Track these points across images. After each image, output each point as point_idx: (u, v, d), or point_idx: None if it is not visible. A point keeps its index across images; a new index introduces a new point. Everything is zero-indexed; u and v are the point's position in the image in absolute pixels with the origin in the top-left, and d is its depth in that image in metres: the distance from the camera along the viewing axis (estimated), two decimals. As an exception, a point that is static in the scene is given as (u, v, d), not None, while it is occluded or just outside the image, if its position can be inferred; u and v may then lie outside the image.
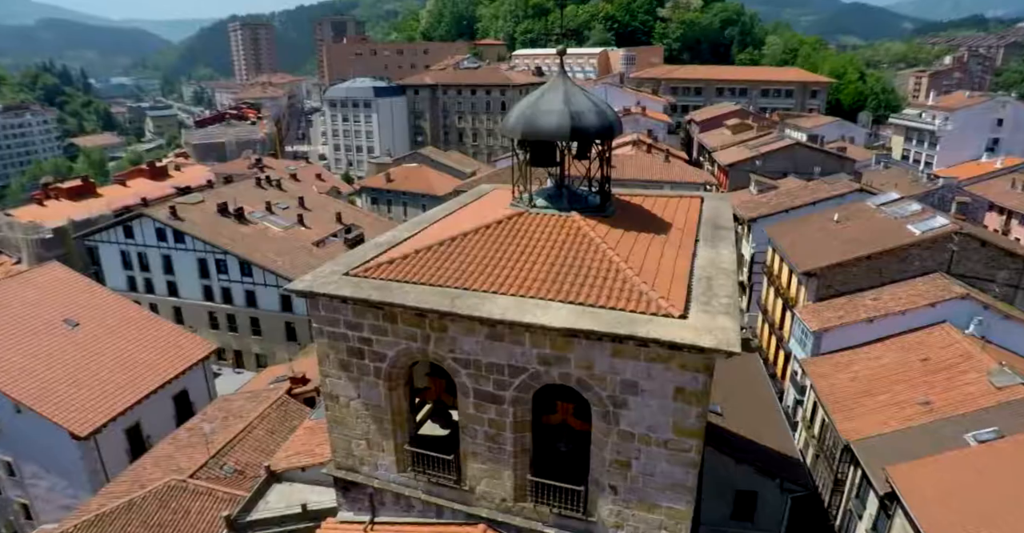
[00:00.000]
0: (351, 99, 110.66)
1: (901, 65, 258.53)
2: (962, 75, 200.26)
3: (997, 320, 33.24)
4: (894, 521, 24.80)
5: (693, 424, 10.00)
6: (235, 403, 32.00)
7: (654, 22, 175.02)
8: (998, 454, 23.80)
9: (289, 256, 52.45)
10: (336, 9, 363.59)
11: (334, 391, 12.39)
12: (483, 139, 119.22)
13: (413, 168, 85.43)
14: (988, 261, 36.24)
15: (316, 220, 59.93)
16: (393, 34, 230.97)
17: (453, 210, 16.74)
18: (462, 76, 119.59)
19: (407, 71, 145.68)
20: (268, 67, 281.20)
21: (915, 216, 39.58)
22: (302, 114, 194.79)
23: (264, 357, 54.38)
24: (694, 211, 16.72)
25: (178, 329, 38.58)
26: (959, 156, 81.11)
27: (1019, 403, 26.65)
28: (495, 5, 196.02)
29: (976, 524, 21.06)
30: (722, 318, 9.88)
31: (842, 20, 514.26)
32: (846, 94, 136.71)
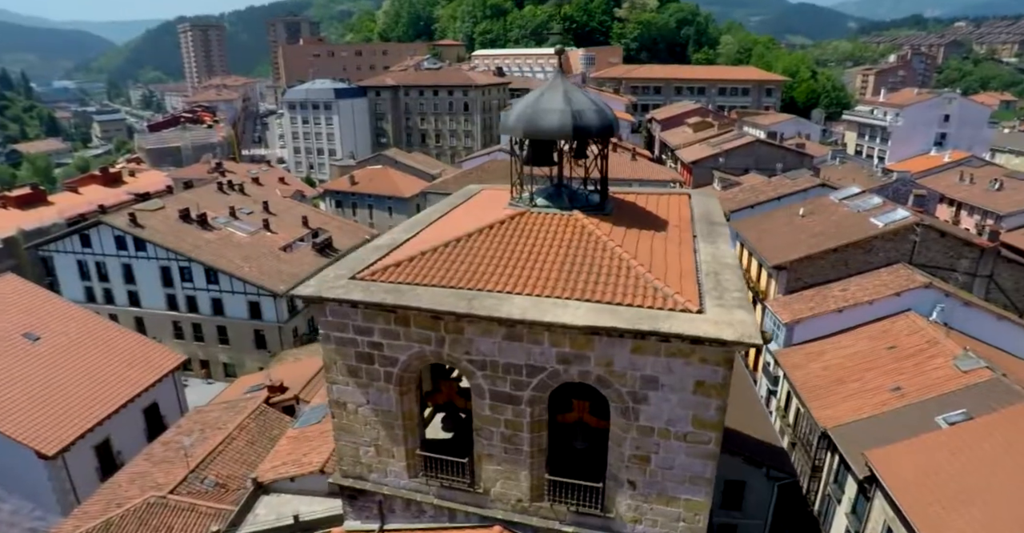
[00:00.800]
0: (311, 101, 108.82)
1: (848, 63, 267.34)
2: (906, 73, 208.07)
3: (958, 307, 34.66)
4: (873, 503, 25.61)
5: (712, 416, 10.13)
6: (211, 414, 31.08)
7: (612, 22, 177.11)
8: (969, 435, 24.79)
9: (256, 262, 51.30)
10: (288, 10, 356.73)
11: (341, 398, 12.14)
12: (446, 140, 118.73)
13: (378, 170, 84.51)
14: (947, 251, 37.78)
15: (282, 225, 58.76)
16: (349, 35, 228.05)
17: (446, 211, 16.59)
18: (424, 77, 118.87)
19: (366, 72, 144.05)
20: (220, 69, 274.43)
21: (877, 209, 40.97)
22: (257, 117, 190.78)
23: (232, 366, 53.06)
24: (685, 208, 16.94)
25: (145, 340, 37.33)
26: (909, 150, 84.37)
27: (984, 385, 27.83)
28: (452, 6, 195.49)
29: (952, 502, 21.91)
30: (738, 311, 10.03)
31: (789, 20, 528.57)
32: (799, 92, 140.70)
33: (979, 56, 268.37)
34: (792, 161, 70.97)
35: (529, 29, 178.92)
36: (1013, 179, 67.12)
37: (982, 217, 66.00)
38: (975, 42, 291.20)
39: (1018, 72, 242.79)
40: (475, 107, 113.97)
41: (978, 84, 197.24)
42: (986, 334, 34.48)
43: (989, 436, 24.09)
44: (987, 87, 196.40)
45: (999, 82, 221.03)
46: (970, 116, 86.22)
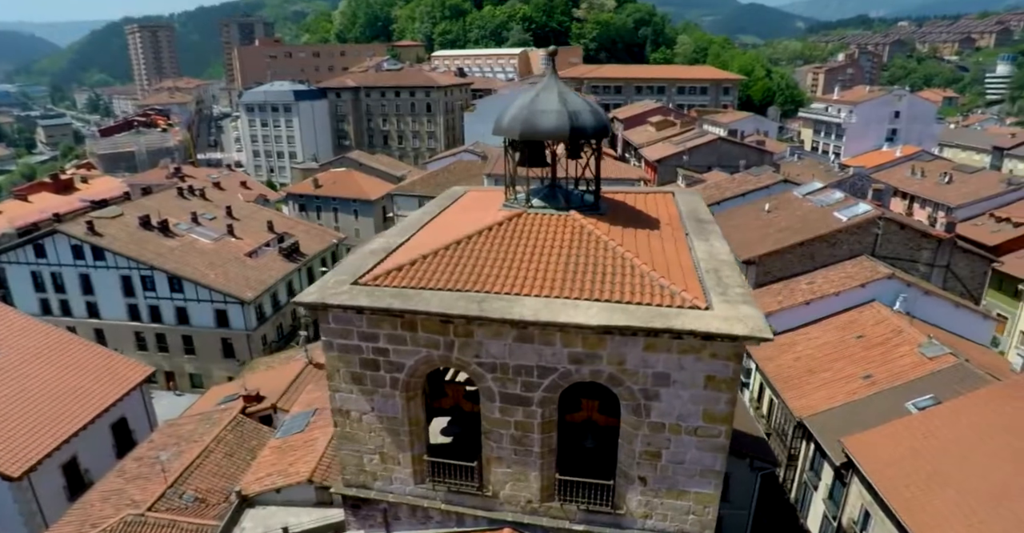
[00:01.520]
0: (270, 103, 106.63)
1: (799, 62, 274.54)
2: (855, 71, 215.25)
3: (919, 296, 35.95)
4: (850, 488, 26.39)
5: (723, 410, 10.31)
6: (185, 427, 30.20)
7: (570, 22, 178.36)
8: (938, 419, 25.74)
9: (222, 269, 50.07)
10: (240, 10, 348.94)
11: (345, 406, 11.93)
12: (409, 141, 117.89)
13: (342, 173, 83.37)
14: (907, 242, 39.17)
15: (247, 230, 57.47)
16: (305, 36, 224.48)
17: (436, 213, 16.44)
18: (385, 78, 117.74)
19: (324, 73, 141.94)
20: (171, 71, 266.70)
21: (839, 204, 42.24)
22: (212, 120, 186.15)
23: (199, 377, 51.70)
24: (672, 206, 17.17)
25: (110, 352, 36.05)
26: (863, 146, 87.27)
27: (949, 371, 28.95)
28: (411, 6, 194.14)
29: (928, 484, 22.73)
30: (745, 307, 10.22)
31: (740, 20, 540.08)
32: (755, 90, 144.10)
33: (922, 55, 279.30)
34: (753, 158, 72.58)
35: (489, 30, 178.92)
36: (961, 173, 70.06)
37: (934, 209, 68.71)
38: (918, 41, 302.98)
39: (959, 70, 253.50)
40: (437, 108, 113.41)
41: (922, 81, 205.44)
42: (945, 321, 35.84)
43: (958, 419, 25.08)
44: (930, 84, 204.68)
45: (941, 79, 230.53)
46: (919, 112, 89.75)
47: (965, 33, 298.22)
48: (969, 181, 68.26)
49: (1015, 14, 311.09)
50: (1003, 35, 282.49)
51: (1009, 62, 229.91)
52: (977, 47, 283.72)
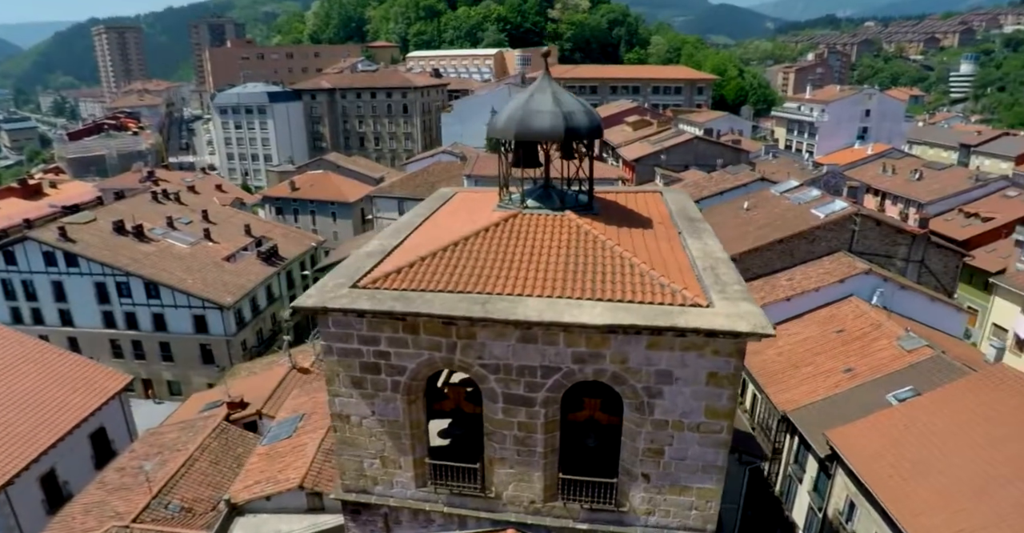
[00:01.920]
0: (243, 105, 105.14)
1: (769, 62, 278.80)
2: (824, 70, 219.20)
3: (895, 291, 36.71)
4: (835, 480, 26.86)
5: (725, 405, 10.43)
6: (167, 436, 29.64)
7: (545, 23, 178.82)
8: (918, 410, 26.32)
9: (200, 273, 49.27)
10: (210, 11, 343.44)
11: (344, 411, 11.82)
12: (386, 143, 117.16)
13: (319, 175, 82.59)
14: (883, 238, 39.98)
15: (224, 234, 56.63)
16: (277, 37, 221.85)
17: (427, 215, 16.36)
18: (360, 79, 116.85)
19: (298, 75, 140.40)
20: (140, 73, 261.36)
21: (816, 201, 42.98)
22: (182, 123, 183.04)
23: (178, 384, 50.83)
24: (661, 205, 17.32)
25: (86, 361, 35.21)
26: (835, 144, 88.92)
27: (927, 363, 29.61)
28: (384, 7, 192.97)
29: (911, 473, 23.24)
30: (745, 304, 10.36)
31: (711, 20, 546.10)
32: (729, 90, 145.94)
33: (889, 54, 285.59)
34: (729, 157, 73.48)
35: (463, 30, 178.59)
36: (931, 169, 71.73)
37: (905, 206, 70.20)
38: (884, 41, 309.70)
39: (924, 69, 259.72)
40: (414, 109, 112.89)
41: (889, 80, 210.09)
42: (921, 315, 36.63)
43: (937, 410, 25.67)
44: (897, 83, 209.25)
45: (907, 78, 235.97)
46: (888, 111, 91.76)
47: (930, 33, 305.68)
48: (938, 178, 69.94)
49: (977, 14, 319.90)
50: (966, 35, 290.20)
51: (972, 61, 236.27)
52: (941, 47, 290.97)
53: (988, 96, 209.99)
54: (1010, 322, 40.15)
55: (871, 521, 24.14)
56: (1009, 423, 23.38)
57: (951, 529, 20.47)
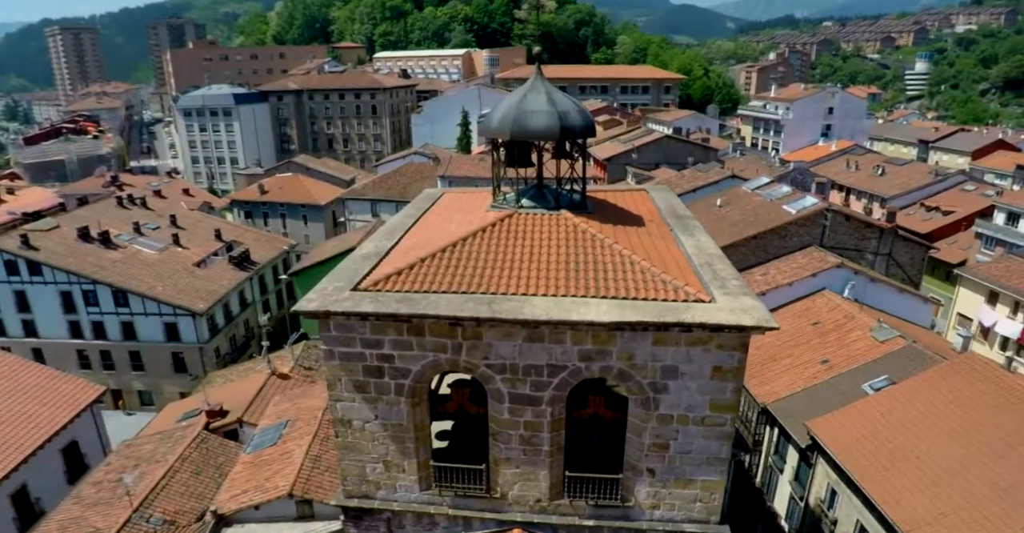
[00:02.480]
0: (208, 107, 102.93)
1: (732, 61, 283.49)
2: (785, 69, 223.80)
3: (866, 283, 37.68)
4: (816, 469, 27.45)
5: (729, 398, 10.61)
6: (144, 447, 28.88)
7: (512, 23, 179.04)
8: (894, 398, 27.07)
9: (170, 280, 48.12)
10: (167, 12, 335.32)
11: (347, 416, 11.67)
12: (355, 144, 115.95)
13: (288, 178, 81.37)
14: (852, 232, 41.01)
15: (193, 239, 55.39)
16: (239, 38, 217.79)
17: (417, 216, 16.25)
18: (328, 80, 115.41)
19: (263, 76, 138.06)
20: (96, 75, 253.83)
21: (787, 197, 43.88)
22: (143, 126, 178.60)
23: (149, 394, 49.57)
24: (649, 203, 17.51)
25: (55, 373, 34.05)
26: (801, 141, 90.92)
27: (900, 353, 30.46)
28: (350, 7, 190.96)
29: (890, 459, 23.89)
30: (746, 299, 10.54)
31: (673, 20, 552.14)
32: (695, 89, 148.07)
33: (847, 53, 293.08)
34: (699, 155, 74.58)
35: (430, 31, 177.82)
36: (893, 165, 73.86)
37: (869, 200, 72.23)
38: (842, 40, 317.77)
39: (881, 67, 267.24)
40: (383, 110, 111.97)
41: (848, 79, 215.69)
42: (890, 306, 37.66)
43: (912, 398, 26.45)
44: (855, 81, 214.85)
45: (865, 76, 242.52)
46: (850, 108, 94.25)
47: (885, 32, 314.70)
48: (900, 173, 72.07)
49: (930, 14, 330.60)
50: (920, 34, 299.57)
51: (926, 60, 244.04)
52: (897, 46, 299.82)
53: (943, 93, 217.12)
54: (974, 311, 41.56)
55: (852, 507, 24.75)
56: (980, 408, 24.22)
57: (931, 512, 21.12)
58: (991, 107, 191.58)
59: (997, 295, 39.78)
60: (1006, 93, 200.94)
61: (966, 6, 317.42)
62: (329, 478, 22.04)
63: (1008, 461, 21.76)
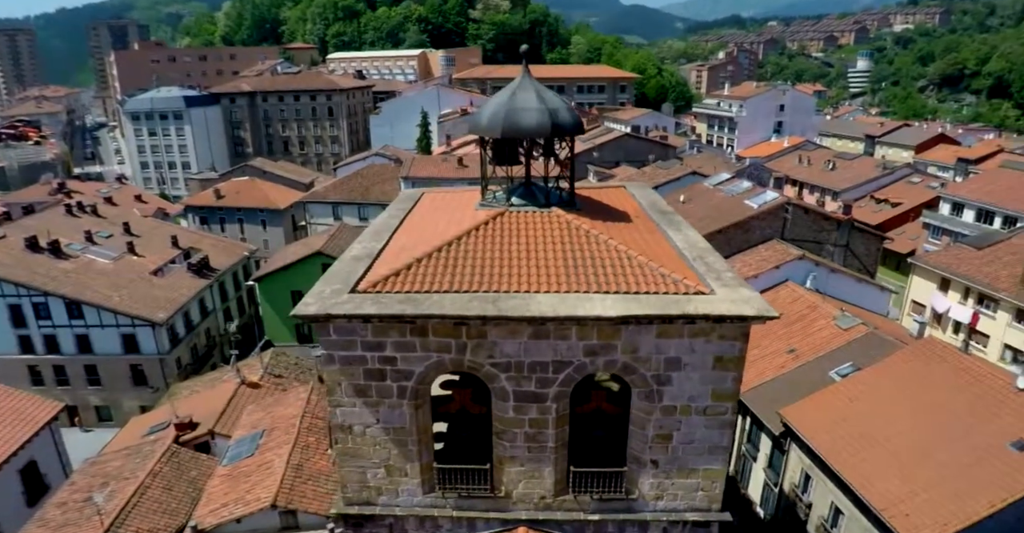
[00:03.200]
0: (158, 111, 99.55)
1: (682, 60, 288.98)
2: (734, 68, 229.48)
3: (826, 274, 38.91)
4: (789, 455, 28.21)
5: (730, 387, 10.84)
6: (111, 464, 27.79)
7: (467, 23, 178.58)
8: (860, 384, 28.06)
9: (127, 289, 46.42)
10: (108, 12, 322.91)
11: (347, 421, 11.46)
12: (311, 147, 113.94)
13: (244, 182, 79.43)
14: (811, 225, 42.30)
15: (149, 247, 53.56)
16: (186, 39, 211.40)
17: (401, 217, 16.05)
18: (282, 81, 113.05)
19: (213, 78, 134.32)
20: (34, 79, 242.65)
21: (748, 192, 44.98)
22: (85, 131, 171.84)
23: (107, 409, 47.74)
24: (630, 200, 17.71)
25: (10, 390, 32.48)
26: (754, 138, 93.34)
27: (863, 340, 31.56)
28: (301, 7, 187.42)
29: (860, 443, 24.75)
30: (744, 290, 10.78)
31: (623, 21, 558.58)
32: (649, 88, 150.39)
33: (792, 52, 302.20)
34: (659, 152, 75.81)
35: (384, 31, 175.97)
36: (842, 159, 76.50)
37: (821, 194, 74.52)
38: (788, 40, 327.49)
39: (825, 65, 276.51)
40: (340, 112, 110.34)
41: (794, 77, 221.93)
42: (849, 296, 38.94)
43: (878, 383, 27.46)
44: (801, 79, 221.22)
45: (810, 74, 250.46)
46: (800, 105, 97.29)
47: (828, 32, 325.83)
48: (850, 167, 74.69)
49: (869, 14, 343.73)
50: (861, 33, 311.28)
51: (867, 58, 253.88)
52: (839, 45, 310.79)
53: (884, 90, 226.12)
54: (927, 298, 43.40)
55: (827, 491, 25.55)
56: (942, 389, 25.32)
57: (903, 490, 21.97)
58: (930, 103, 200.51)
59: (949, 282, 41.60)
60: (943, 90, 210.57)
61: (903, 6, 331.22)
62: (313, 487, 21.63)
63: (970, 439, 22.80)
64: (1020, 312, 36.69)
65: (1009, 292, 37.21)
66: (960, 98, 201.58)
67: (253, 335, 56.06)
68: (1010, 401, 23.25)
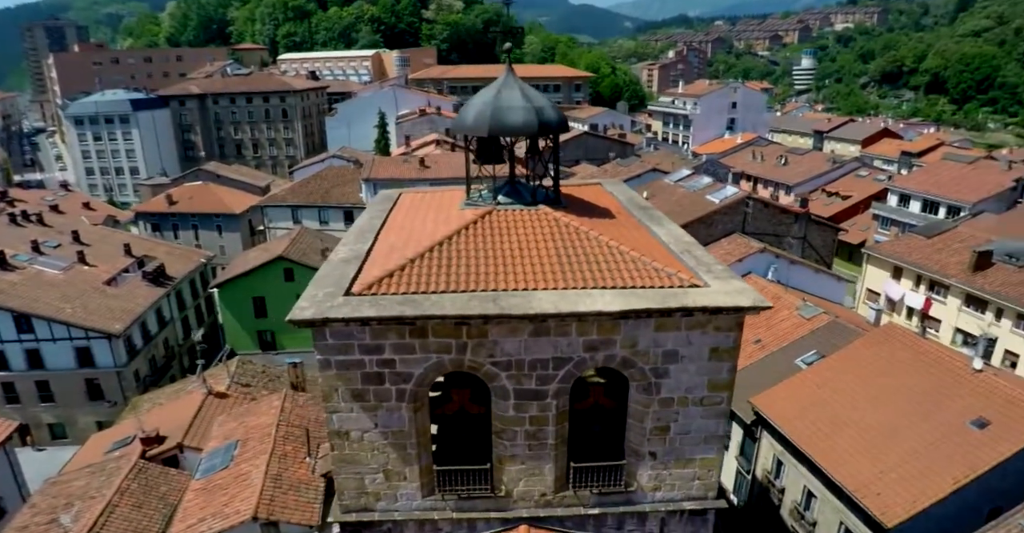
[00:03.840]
0: (103, 114, 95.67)
1: (633, 59, 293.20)
2: (684, 67, 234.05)
3: (787, 266, 40.08)
4: (761, 443, 28.97)
5: (725, 377, 11.08)
6: (74, 484, 26.62)
7: (420, 24, 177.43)
8: (825, 371, 29.03)
9: (80, 301, 44.52)
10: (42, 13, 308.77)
11: (344, 427, 11.26)
12: (265, 150, 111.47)
13: (198, 187, 77.18)
14: (770, 219, 43.51)
15: (100, 256, 51.47)
16: (128, 40, 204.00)
17: (382, 218, 15.83)
18: (234, 83, 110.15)
19: (160, 80, 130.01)
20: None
21: (709, 188, 46.00)
22: (23, 137, 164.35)
23: (61, 427, 45.74)
24: (608, 196, 17.90)
25: (-43, 410, 30.90)
26: (708, 135, 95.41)
27: (825, 328, 32.63)
28: (249, 7, 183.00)
29: (830, 427, 25.60)
30: (736, 281, 11.03)
31: (573, 20, 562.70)
32: (604, 87, 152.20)
33: (739, 51, 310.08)
34: (617, 150, 76.89)
35: (336, 31, 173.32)
36: (794, 155, 78.84)
37: (775, 189, 76.73)
38: (735, 39, 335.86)
39: (771, 63, 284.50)
40: (294, 113, 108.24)
41: (741, 75, 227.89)
42: (809, 286, 40.22)
43: (842, 369, 28.44)
44: (749, 77, 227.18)
45: (757, 72, 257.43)
46: (752, 102, 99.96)
47: (773, 31, 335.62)
48: (801, 162, 77.06)
49: (811, 14, 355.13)
50: (804, 32, 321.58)
51: (811, 56, 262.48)
52: (784, 43, 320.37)
53: (828, 87, 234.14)
54: (881, 286, 45.12)
55: (799, 475, 26.34)
56: (904, 373, 26.39)
57: (872, 471, 22.83)
58: (871, 99, 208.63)
59: (901, 270, 43.33)
60: (883, 86, 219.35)
61: (843, 6, 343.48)
62: (294, 497, 21.20)
63: (933, 419, 23.84)
64: (969, 297, 38.51)
65: (959, 278, 39.02)
66: (900, 94, 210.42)
67: (214, 344, 54.51)
68: (967, 382, 24.40)
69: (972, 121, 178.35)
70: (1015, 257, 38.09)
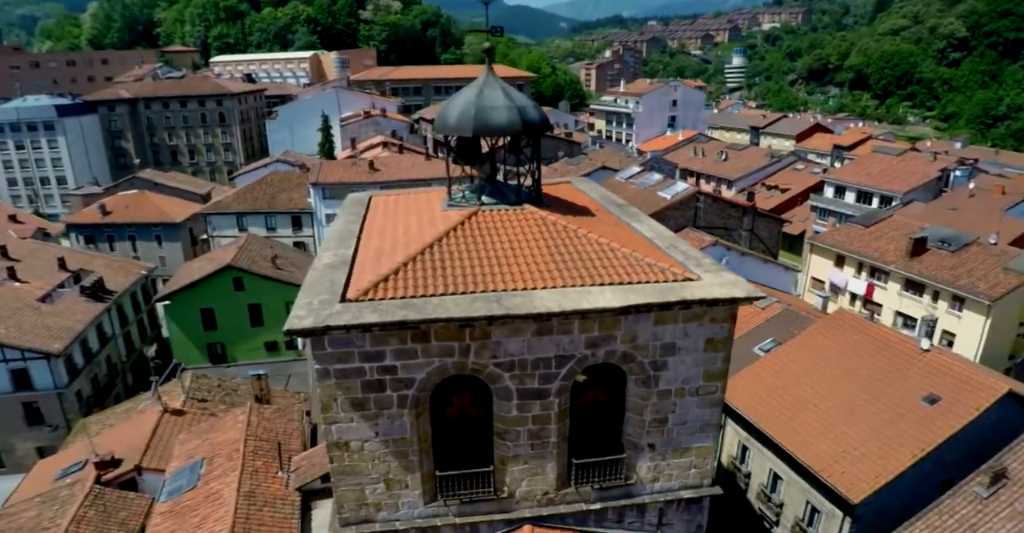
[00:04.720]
0: (25, 121, 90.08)
1: (570, 59, 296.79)
2: (620, 66, 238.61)
3: (738, 258, 41.37)
4: (725, 429, 29.81)
5: (720, 367, 11.39)
6: (24, 515, 25.10)
7: (358, 24, 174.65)
8: (783, 357, 30.19)
9: (12, 319, 41.88)
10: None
11: (343, 438, 10.99)
12: (203, 156, 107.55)
13: (134, 195, 73.75)
14: (719, 212, 44.88)
15: (32, 271, 48.50)
16: (46, 43, 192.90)
17: (359, 222, 15.52)
18: (166, 87, 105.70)
19: (84, 85, 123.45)
20: None
21: (660, 184, 47.06)
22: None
23: (-4, 454, 42.89)
24: (583, 195, 18.10)
25: None
26: (651, 132, 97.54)
27: (780, 316, 33.92)
28: (178, 8, 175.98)
29: (791, 411, 26.65)
30: (726, 274, 11.35)
31: (509, 20, 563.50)
32: (545, 86, 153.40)
33: (673, 50, 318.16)
34: (565, 148, 77.64)
35: (271, 32, 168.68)
36: (733, 150, 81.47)
37: (717, 183, 79.10)
38: (668, 38, 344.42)
39: (703, 62, 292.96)
40: (232, 117, 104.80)
41: (676, 73, 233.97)
42: (759, 276, 41.58)
43: (799, 354, 29.64)
44: (683, 75, 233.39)
45: (691, 71, 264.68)
46: (691, 100, 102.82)
47: (704, 30, 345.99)
48: (741, 157, 79.71)
49: (740, 13, 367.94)
50: (734, 32, 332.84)
51: (741, 55, 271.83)
52: (715, 43, 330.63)
53: (759, 85, 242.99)
54: (825, 274, 47.16)
55: (764, 458, 27.30)
56: (857, 355, 27.72)
57: (835, 451, 23.91)
58: (800, 95, 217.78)
59: (843, 258, 45.42)
60: (810, 83, 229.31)
61: (769, 6, 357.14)
62: (269, 513, 20.58)
63: (886, 399, 25.13)
64: (908, 282, 40.73)
65: (897, 264, 41.21)
66: (826, 90, 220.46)
67: (162, 358, 52.25)
68: (916, 361, 25.84)
69: (894, 115, 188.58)
70: (947, 243, 40.53)
